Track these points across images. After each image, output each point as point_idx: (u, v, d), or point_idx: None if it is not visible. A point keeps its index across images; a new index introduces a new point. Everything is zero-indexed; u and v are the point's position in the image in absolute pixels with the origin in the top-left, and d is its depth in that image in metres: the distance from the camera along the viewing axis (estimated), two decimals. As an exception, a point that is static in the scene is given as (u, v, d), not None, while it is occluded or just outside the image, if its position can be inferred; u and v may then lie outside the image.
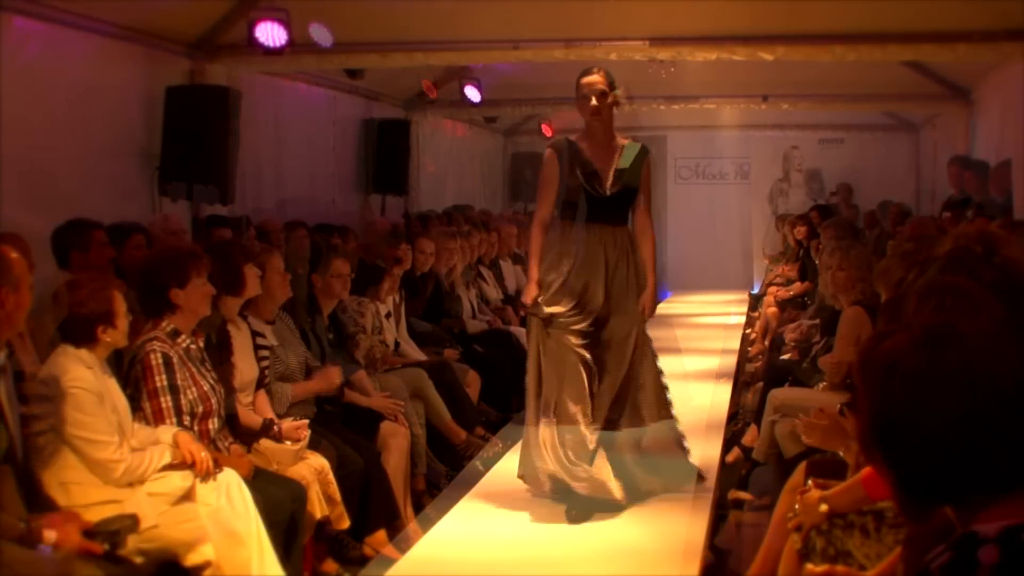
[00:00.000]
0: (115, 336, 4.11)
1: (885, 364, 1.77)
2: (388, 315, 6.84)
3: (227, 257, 5.00)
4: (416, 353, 7.04)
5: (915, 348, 1.76)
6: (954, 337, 1.76)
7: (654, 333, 5.51)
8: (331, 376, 5.50)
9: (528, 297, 5.28)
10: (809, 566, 2.91)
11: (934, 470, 1.74)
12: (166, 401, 4.38)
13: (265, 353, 5.28)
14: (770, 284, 11.88)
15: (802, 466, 3.95)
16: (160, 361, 4.38)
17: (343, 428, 5.55)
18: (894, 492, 1.81)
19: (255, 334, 5.25)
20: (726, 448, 6.53)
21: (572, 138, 5.32)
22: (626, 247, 5.31)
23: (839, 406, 3.71)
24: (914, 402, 1.74)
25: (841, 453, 3.76)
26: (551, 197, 5.19)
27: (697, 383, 8.24)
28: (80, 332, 4.06)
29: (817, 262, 9.06)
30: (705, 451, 6.07)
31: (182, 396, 4.42)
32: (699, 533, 4.76)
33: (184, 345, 4.53)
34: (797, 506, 3.41)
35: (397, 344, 6.96)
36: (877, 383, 1.77)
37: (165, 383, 4.38)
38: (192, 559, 4.06)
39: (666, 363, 9.30)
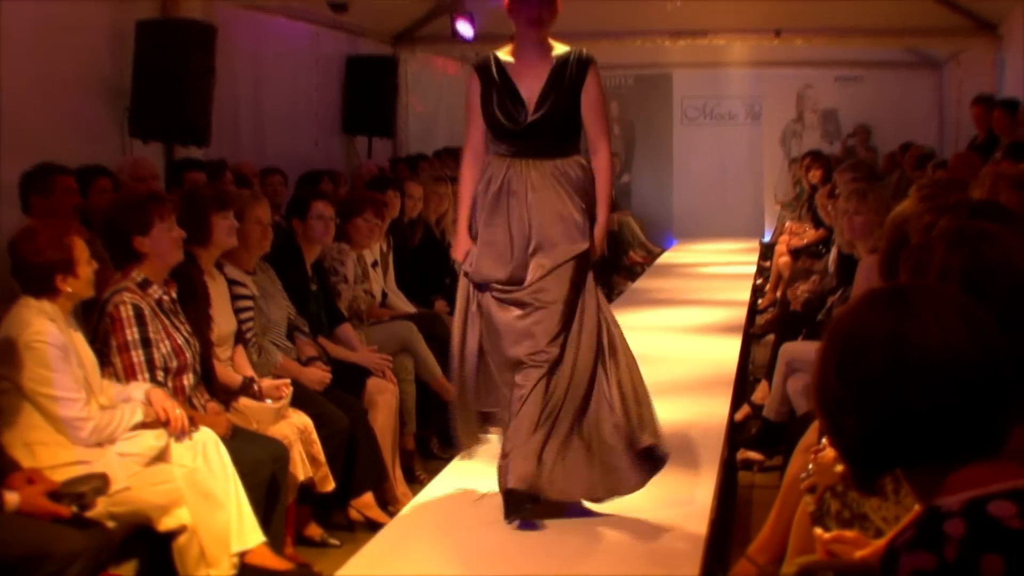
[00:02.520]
0: (78, 286, 4.05)
1: (834, 325, 1.80)
2: (374, 264, 6.78)
3: (192, 206, 4.93)
4: (405, 305, 6.98)
5: (856, 309, 1.78)
6: (899, 298, 1.76)
7: (658, 284, 5.51)
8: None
9: (458, 252, 4.67)
10: (818, 530, 2.86)
11: (865, 438, 1.76)
12: (137, 355, 4.34)
13: (246, 304, 5.26)
14: (782, 232, 11.94)
15: (816, 424, 3.89)
16: (130, 313, 4.34)
17: (329, 384, 5.47)
18: (841, 458, 1.85)
19: (233, 284, 5.21)
20: (735, 406, 6.49)
21: (499, 52, 4.65)
22: (565, 186, 4.51)
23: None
24: (842, 364, 1.76)
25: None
26: (478, 125, 4.60)
27: (704, 337, 8.24)
28: (38, 282, 4.00)
29: (825, 208, 9.10)
30: (712, 409, 6.07)
31: (155, 350, 4.38)
32: (706, 496, 4.74)
33: (156, 296, 4.48)
34: (811, 466, 3.39)
35: (385, 295, 6.89)
36: (824, 344, 1.80)
37: (136, 336, 4.34)
38: (166, 523, 4.07)
39: (671, 316, 9.24)
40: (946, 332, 1.71)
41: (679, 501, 4.69)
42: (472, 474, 5.01)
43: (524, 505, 4.37)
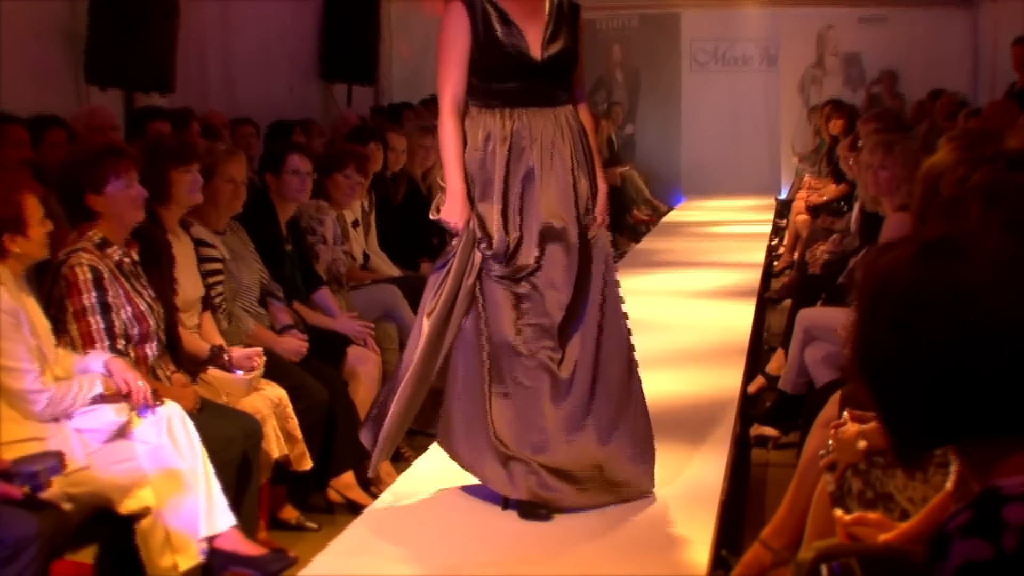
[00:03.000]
0: (29, 247, 4.00)
1: (877, 280, 1.73)
2: (355, 223, 6.77)
3: (152, 160, 4.88)
4: (388, 267, 6.97)
5: (908, 263, 1.71)
6: (955, 251, 1.70)
7: (664, 244, 5.53)
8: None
9: (456, 217, 4.30)
10: (838, 512, 2.91)
11: (921, 408, 1.71)
12: (96, 322, 4.32)
13: (215, 267, 5.25)
14: (800, 187, 11.94)
15: (836, 396, 3.93)
16: (88, 276, 4.32)
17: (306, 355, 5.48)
18: (883, 430, 1.79)
19: (200, 245, 5.19)
20: (748, 377, 6.48)
21: None
22: (578, 135, 4.41)
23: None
24: (899, 325, 1.70)
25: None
26: (462, 70, 4.31)
27: (715, 302, 8.24)
28: (-17, 242, 4.02)
29: (847, 162, 9.13)
30: (723, 381, 6.08)
31: (114, 316, 4.36)
32: (716, 476, 4.73)
33: (115, 257, 4.46)
34: (831, 442, 3.40)
35: (366, 257, 6.88)
36: (867, 303, 1.74)
37: (94, 301, 4.32)
38: (128, 505, 4.06)
39: (679, 279, 9.22)
40: (1017, 289, 1.66)
41: (687, 481, 4.69)
42: None
43: (538, 511, 4.27)
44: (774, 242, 11.53)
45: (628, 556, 4.04)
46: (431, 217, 4.43)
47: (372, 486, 5.40)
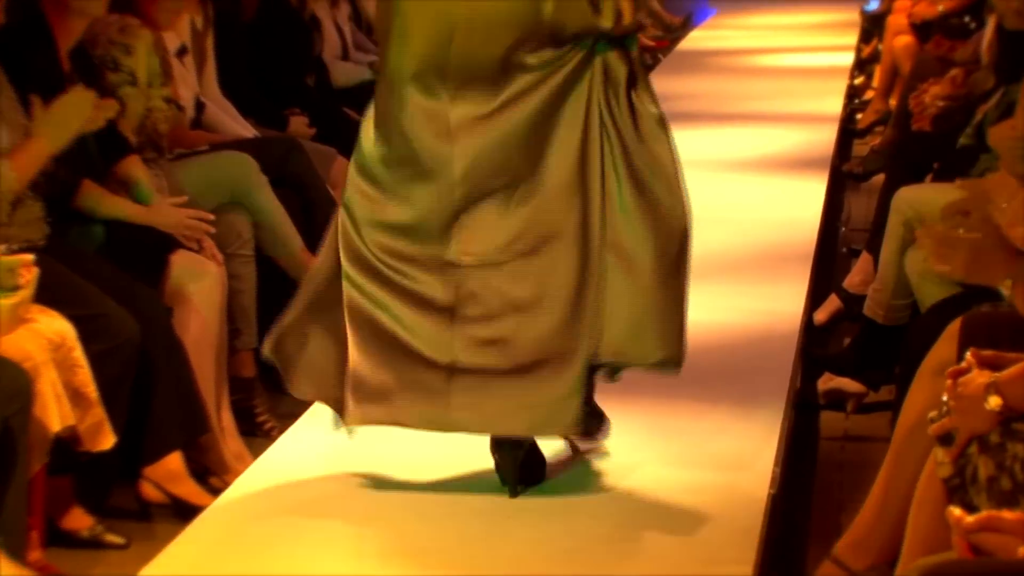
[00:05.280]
0: None
1: None
2: (182, 52, 6.72)
3: None
4: (237, 125, 7.04)
5: None
6: None
7: (682, 85, 5.56)
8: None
9: None
10: (956, 511, 2.91)
11: None
12: None
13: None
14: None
15: (954, 328, 4.02)
16: None
17: (103, 264, 5.54)
18: None
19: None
20: (814, 299, 6.66)
21: None
22: None
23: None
24: None
25: (1006, 292, 3.82)
26: None
27: (759, 178, 8.52)
28: None
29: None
30: (774, 304, 6.28)
31: None
32: (764, 457, 4.83)
33: None
34: (946, 398, 3.45)
35: (201, 107, 6.92)
36: None
37: None
38: None
39: (704, 142, 9.27)
40: None
41: (721, 465, 4.80)
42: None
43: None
44: (857, 81, 11.69)
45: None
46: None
47: (213, 476, 5.46)
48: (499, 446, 4.79)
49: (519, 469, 4.76)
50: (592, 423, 4.74)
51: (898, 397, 4.93)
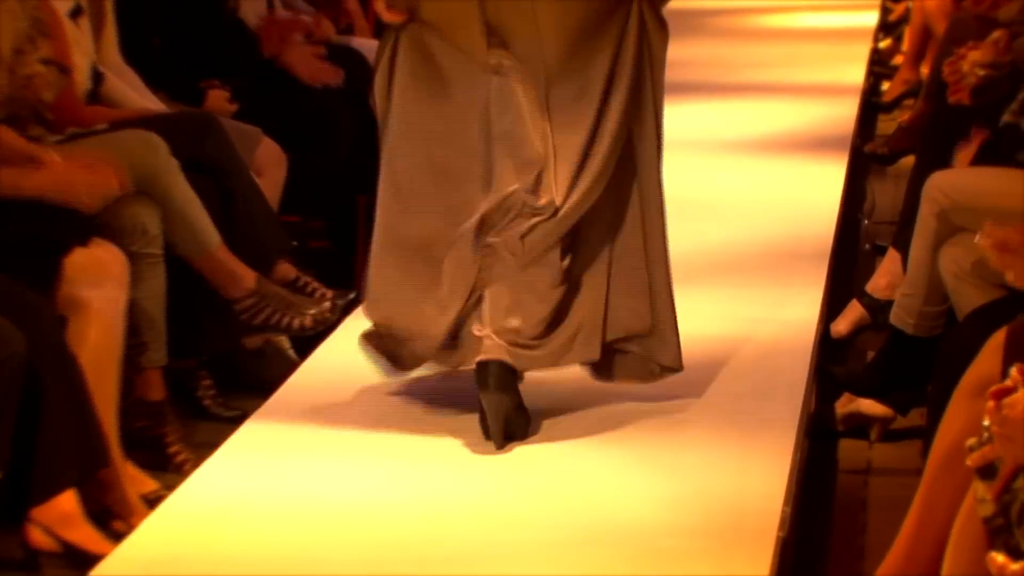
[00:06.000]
0: None
1: None
2: (76, 12, 6.72)
3: None
4: (143, 98, 7.00)
5: None
6: None
7: (677, 52, 5.81)
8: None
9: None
10: (999, 558, 3.11)
11: None
12: None
13: None
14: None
15: (997, 339, 4.09)
16: None
17: None
18: None
19: None
20: (832, 306, 6.71)
21: None
22: None
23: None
24: None
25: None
26: None
27: (767, 161, 8.71)
28: None
29: None
30: (785, 312, 6.35)
31: None
32: (769, 497, 4.84)
33: None
34: (987, 423, 3.39)
35: (99, 78, 6.84)
36: None
37: None
38: None
39: (703, 118, 9.55)
40: None
41: (722, 504, 4.87)
42: (287, 444, 5.34)
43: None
44: (883, 45, 12.05)
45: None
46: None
47: (116, 520, 5.45)
48: (485, 387, 5.33)
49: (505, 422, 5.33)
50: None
51: (931, 422, 4.91)
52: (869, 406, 6.23)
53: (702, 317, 6.00)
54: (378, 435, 5.54)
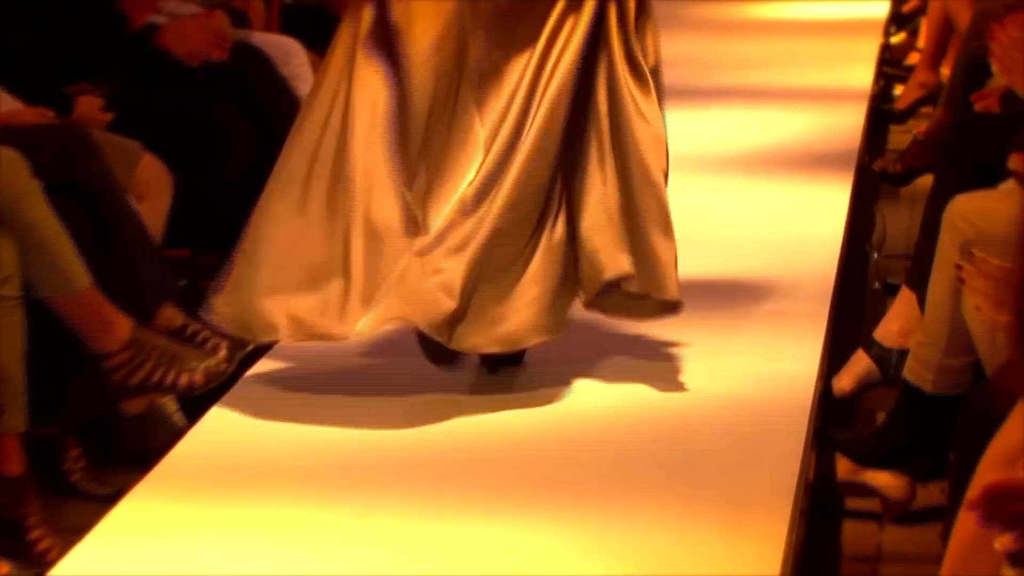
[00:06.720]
0: None
1: None
2: None
3: None
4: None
5: None
6: None
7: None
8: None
9: None
10: None
11: None
12: None
13: None
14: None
15: None
16: None
17: None
18: None
19: None
20: (834, 358, 6.73)
21: None
22: None
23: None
24: None
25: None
26: None
27: (758, 182, 8.76)
28: None
29: None
30: (780, 365, 6.35)
31: None
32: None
33: None
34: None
35: None
36: None
37: None
38: None
39: (690, 129, 9.57)
40: None
41: None
42: (179, 526, 5.33)
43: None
44: (894, 40, 12.07)
45: None
46: None
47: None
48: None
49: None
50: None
51: (953, 498, 4.92)
52: (880, 476, 6.30)
53: (678, 372, 6.14)
54: (282, 513, 5.53)
